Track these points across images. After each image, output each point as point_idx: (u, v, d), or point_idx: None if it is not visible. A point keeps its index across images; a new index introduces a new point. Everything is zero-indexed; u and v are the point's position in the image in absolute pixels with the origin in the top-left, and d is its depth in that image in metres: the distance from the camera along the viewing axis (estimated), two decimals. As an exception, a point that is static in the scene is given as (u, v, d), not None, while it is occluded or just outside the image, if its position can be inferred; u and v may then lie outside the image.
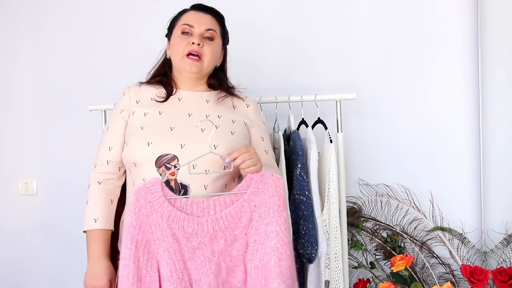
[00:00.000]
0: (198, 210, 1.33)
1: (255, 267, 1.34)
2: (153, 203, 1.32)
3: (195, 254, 1.32)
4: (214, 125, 1.38)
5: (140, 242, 1.31)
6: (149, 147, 1.40)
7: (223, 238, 1.33)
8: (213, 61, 1.54)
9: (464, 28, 2.04)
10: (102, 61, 2.35)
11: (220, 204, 1.34)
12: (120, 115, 1.52)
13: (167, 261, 1.31)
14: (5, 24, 2.46)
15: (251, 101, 1.62)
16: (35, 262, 2.43)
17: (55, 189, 2.39)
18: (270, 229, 1.33)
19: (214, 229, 1.32)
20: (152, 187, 1.33)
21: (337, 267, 1.69)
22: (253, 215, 1.34)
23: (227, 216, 1.33)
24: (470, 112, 2.04)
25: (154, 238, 1.32)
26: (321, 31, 2.16)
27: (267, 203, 1.34)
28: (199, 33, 1.50)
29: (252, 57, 2.20)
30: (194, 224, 1.32)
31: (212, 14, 1.56)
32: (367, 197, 2.09)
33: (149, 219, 1.32)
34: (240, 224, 1.34)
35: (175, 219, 1.31)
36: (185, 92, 1.55)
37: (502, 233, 1.94)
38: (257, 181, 1.36)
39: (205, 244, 1.32)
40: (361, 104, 2.08)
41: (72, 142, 2.37)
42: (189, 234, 1.31)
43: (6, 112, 2.47)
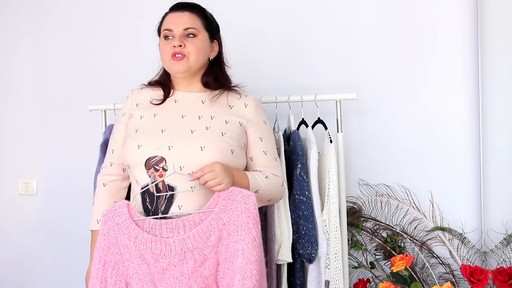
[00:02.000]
0: (167, 230, 1.33)
1: (226, 285, 1.33)
2: (121, 225, 1.34)
3: (164, 275, 1.32)
4: (174, 145, 1.37)
5: (109, 263, 1.34)
6: (139, 150, 1.43)
7: (192, 259, 1.32)
8: (200, 56, 1.51)
9: (464, 28, 2.04)
10: (102, 61, 2.35)
11: (189, 223, 1.34)
12: (122, 119, 1.57)
13: (137, 282, 1.32)
14: (5, 24, 2.46)
15: (251, 100, 1.57)
16: (35, 262, 2.43)
17: (55, 189, 2.39)
18: (237, 247, 1.32)
19: (182, 250, 1.32)
20: (119, 209, 1.35)
21: (337, 267, 1.69)
22: (222, 234, 1.33)
23: (194, 235, 1.32)
24: (470, 112, 2.04)
25: (123, 259, 1.33)
26: (321, 32, 2.16)
27: (236, 220, 1.33)
28: (178, 35, 1.49)
29: (252, 57, 2.20)
30: (162, 245, 1.32)
31: (191, 10, 1.53)
32: (367, 197, 2.09)
33: (117, 240, 1.34)
34: (209, 243, 1.32)
35: (142, 240, 1.32)
36: (181, 94, 1.56)
37: (502, 233, 1.94)
38: (225, 198, 1.34)
39: (174, 265, 1.31)
40: (361, 104, 2.08)
41: (72, 142, 2.37)
42: (157, 255, 1.31)
43: (6, 112, 2.47)
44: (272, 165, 1.53)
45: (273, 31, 2.19)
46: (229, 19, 2.20)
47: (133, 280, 1.33)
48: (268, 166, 1.52)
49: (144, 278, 1.32)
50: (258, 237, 1.32)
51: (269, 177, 1.50)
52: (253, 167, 1.52)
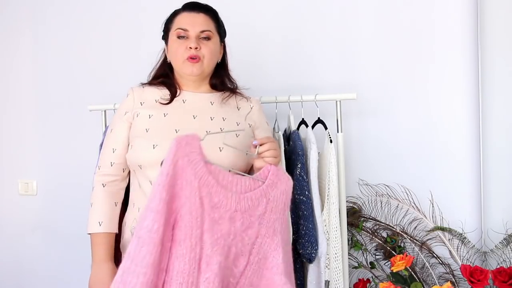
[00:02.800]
0: (226, 183, 1.26)
1: (257, 261, 1.30)
2: (191, 157, 1.22)
3: (213, 227, 1.22)
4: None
5: (171, 195, 1.19)
6: (155, 149, 1.40)
7: (240, 221, 1.27)
8: (212, 60, 1.52)
9: (464, 28, 2.04)
10: (102, 61, 2.35)
11: (242, 184, 1.29)
12: (124, 117, 1.52)
13: (186, 224, 1.18)
14: (5, 24, 2.46)
15: (255, 102, 1.62)
16: (35, 262, 2.43)
17: (55, 189, 2.39)
18: (276, 226, 1.32)
19: (235, 208, 1.26)
20: (191, 141, 1.24)
21: (337, 267, 1.69)
22: (267, 207, 1.32)
23: (247, 199, 1.28)
24: (470, 112, 2.04)
25: (181, 195, 1.19)
26: (322, 32, 2.16)
27: (278, 198, 1.33)
28: (195, 36, 1.48)
29: (252, 57, 2.20)
30: (221, 195, 1.24)
31: (205, 12, 1.52)
32: (367, 197, 2.09)
33: (184, 172, 1.20)
34: (257, 212, 1.30)
35: (206, 182, 1.22)
36: (189, 94, 1.54)
37: (502, 233, 1.94)
38: (274, 174, 1.33)
39: (224, 220, 1.24)
40: (361, 104, 2.08)
41: (73, 142, 2.37)
42: (214, 204, 1.23)
43: (6, 112, 2.47)
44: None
45: (273, 31, 2.19)
46: (229, 19, 2.20)
47: (183, 221, 1.19)
48: None
49: (195, 221, 1.19)
50: (286, 220, 1.36)
51: None
52: None
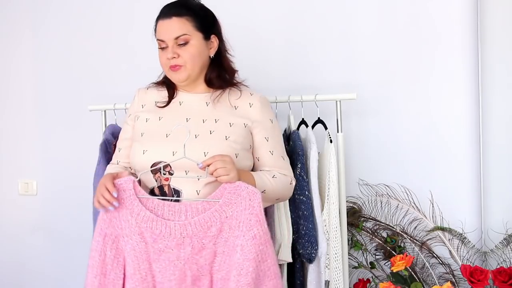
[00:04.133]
0: (170, 213, 1.33)
1: (221, 278, 1.32)
2: (125, 200, 1.33)
3: (160, 256, 1.31)
4: (188, 131, 1.36)
5: (109, 236, 1.33)
6: (144, 155, 1.43)
7: (190, 245, 1.31)
8: (196, 62, 1.47)
9: (464, 28, 2.04)
10: (102, 61, 2.35)
11: (192, 210, 1.33)
12: (128, 119, 1.57)
13: (132, 259, 1.32)
14: (5, 24, 2.46)
15: (256, 99, 1.53)
16: (35, 262, 2.43)
17: (55, 189, 2.39)
18: (237, 243, 1.30)
19: (181, 235, 1.31)
20: (124, 184, 1.34)
21: (337, 267, 1.69)
22: (224, 226, 1.32)
23: (196, 223, 1.31)
24: (470, 112, 2.04)
25: (123, 234, 1.33)
26: (322, 32, 2.16)
27: (238, 215, 1.31)
28: (171, 45, 1.44)
29: (252, 58, 2.20)
30: (162, 227, 1.31)
31: (178, 15, 1.45)
32: (367, 197, 2.09)
33: (120, 214, 1.33)
34: (209, 234, 1.31)
35: (144, 218, 1.32)
36: (186, 95, 1.53)
37: (502, 233, 1.94)
38: (231, 192, 1.32)
39: (171, 248, 1.31)
40: (361, 104, 2.08)
41: (72, 142, 2.37)
42: (156, 236, 1.31)
43: (6, 112, 2.47)
44: (279, 164, 1.50)
45: (273, 32, 2.19)
46: (229, 20, 2.20)
47: (129, 257, 1.33)
48: (275, 166, 1.49)
49: (140, 256, 1.32)
50: (259, 236, 1.30)
51: (276, 176, 1.47)
52: (260, 167, 1.50)
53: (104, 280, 1.33)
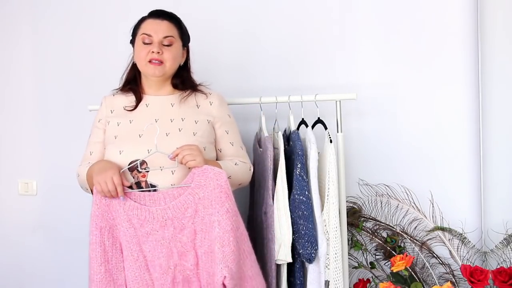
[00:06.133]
0: (150, 201, 1.52)
1: (204, 252, 1.50)
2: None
3: (148, 238, 1.51)
4: (157, 128, 1.53)
5: (104, 228, 1.52)
6: (121, 155, 1.57)
7: (172, 226, 1.51)
8: (174, 64, 1.64)
9: (464, 27, 2.04)
10: (102, 61, 2.35)
11: (169, 196, 1.52)
12: (98, 124, 1.71)
13: (125, 243, 1.52)
14: (5, 24, 2.45)
15: (215, 97, 1.70)
16: (35, 262, 2.43)
17: (55, 189, 2.39)
18: (213, 219, 1.48)
19: (163, 218, 1.51)
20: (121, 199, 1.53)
21: (337, 267, 1.69)
22: (198, 207, 1.51)
23: (174, 207, 1.51)
24: (470, 112, 2.04)
25: (115, 223, 1.53)
26: (322, 32, 2.16)
27: (209, 195, 1.50)
28: (157, 41, 1.61)
29: (252, 58, 2.20)
30: (146, 213, 1.51)
31: (169, 20, 1.64)
32: (367, 197, 2.09)
33: (110, 207, 1.53)
34: (187, 214, 1.51)
35: (130, 207, 1.51)
36: (151, 98, 1.68)
37: (502, 233, 1.94)
38: (199, 175, 1.51)
39: (156, 230, 1.51)
40: (361, 104, 2.08)
41: (73, 142, 2.36)
42: (142, 221, 1.51)
43: (6, 112, 2.47)
44: (239, 153, 1.69)
45: (273, 32, 2.19)
46: (229, 20, 2.21)
47: (123, 242, 1.52)
48: (236, 155, 1.67)
49: (131, 240, 1.51)
50: (231, 209, 1.50)
51: (238, 164, 1.65)
52: (223, 157, 1.68)
53: (108, 266, 1.52)
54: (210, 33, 2.19)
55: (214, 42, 2.21)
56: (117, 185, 1.48)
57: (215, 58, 2.20)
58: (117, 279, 1.53)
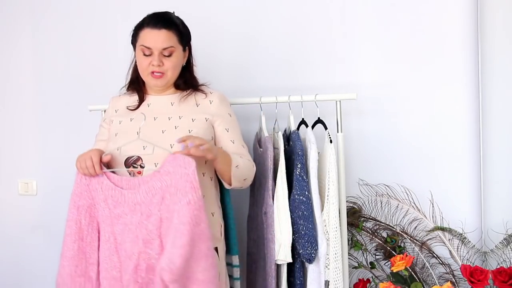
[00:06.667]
0: (128, 186, 1.52)
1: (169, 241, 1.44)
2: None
3: (118, 221, 1.52)
4: (144, 117, 1.58)
5: (82, 207, 1.55)
6: (118, 151, 1.60)
7: (139, 212, 1.49)
8: (176, 71, 1.65)
9: (464, 27, 2.04)
10: (102, 61, 2.35)
11: (144, 182, 1.50)
12: (104, 123, 1.75)
13: (101, 223, 1.55)
14: (5, 24, 2.45)
15: (215, 96, 1.70)
16: (35, 262, 2.43)
17: (55, 189, 2.39)
18: (174, 208, 1.44)
19: (133, 202, 1.49)
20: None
21: (337, 267, 1.69)
22: (165, 194, 1.47)
23: (143, 192, 1.49)
24: (470, 112, 2.04)
25: (94, 202, 1.55)
26: (322, 31, 2.16)
27: (176, 183, 1.44)
28: (157, 54, 1.60)
29: (252, 57, 2.20)
30: (119, 195, 1.51)
31: (168, 28, 1.60)
32: (367, 197, 2.09)
33: (89, 186, 1.55)
34: (154, 201, 1.48)
35: (106, 186, 1.53)
36: (153, 98, 1.70)
37: (502, 233, 1.94)
38: (170, 162, 1.47)
39: (126, 214, 1.50)
40: (361, 104, 2.08)
41: (73, 141, 2.37)
42: (116, 203, 1.52)
43: (6, 112, 2.47)
44: (241, 151, 1.66)
45: (273, 32, 2.19)
46: (229, 20, 2.21)
47: (100, 222, 1.56)
48: (237, 153, 1.64)
49: (105, 220, 1.54)
50: (194, 201, 1.42)
51: (242, 158, 1.64)
52: None
53: (82, 243, 1.55)
54: (210, 33, 2.19)
55: (214, 42, 2.21)
56: (94, 163, 1.51)
57: (215, 58, 2.20)
58: (89, 257, 1.55)
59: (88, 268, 1.56)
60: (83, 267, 1.56)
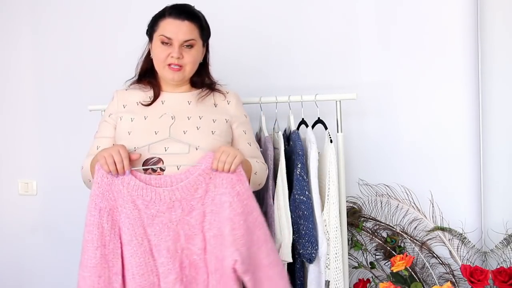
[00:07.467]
0: (159, 183, 1.43)
1: (213, 235, 1.43)
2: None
3: (154, 221, 1.42)
4: (173, 117, 1.50)
5: (104, 209, 1.41)
6: (136, 152, 1.47)
7: (180, 208, 1.42)
8: (194, 66, 1.58)
9: (464, 28, 2.04)
10: (102, 60, 2.35)
11: (176, 179, 1.43)
12: (109, 118, 1.60)
13: (128, 227, 1.41)
14: (5, 24, 2.45)
15: (232, 96, 1.65)
16: (35, 262, 2.43)
17: (55, 189, 2.39)
18: (224, 199, 1.42)
19: (171, 199, 1.42)
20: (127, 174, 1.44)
21: (337, 267, 1.69)
22: (209, 186, 1.44)
23: (183, 188, 1.42)
24: (470, 112, 2.04)
25: (116, 205, 1.42)
26: (322, 31, 2.16)
27: (221, 174, 1.43)
28: (178, 45, 1.52)
29: (252, 57, 2.20)
30: (152, 193, 1.41)
31: (190, 20, 1.54)
32: (367, 197, 2.09)
33: (111, 187, 1.42)
34: (196, 195, 1.43)
35: (135, 187, 1.41)
36: (168, 95, 1.60)
37: (502, 233, 1.94)
38: (210, 157, 1.45)
39: (163, 212, 1.42)
40: (361, 104, 2.08)
41: (72, 142, 2.37)
42: (148, 202, 1.41)
43: (6, 112, 2.47)
44: (257, 154, 1.64)
45: (273, 32, 2.19)
46: (228, 20, 2.21)
47: (125, 225, 1.41)
48: (254, 156, 1.60)
49: (135, 223, 1.41)
50: (242, 192, 1.43)
51: (258, 162, 1.61)
52: None
53: (105, 250, 1.40)
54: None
55: (213, 41, 2.20)
56: (123, 158, 1.40)
57: (214, 58, 2.20)
58: (112, 266, 1.41)
59: (112, 278, 1.40)
60: (106, 278, 1.40)
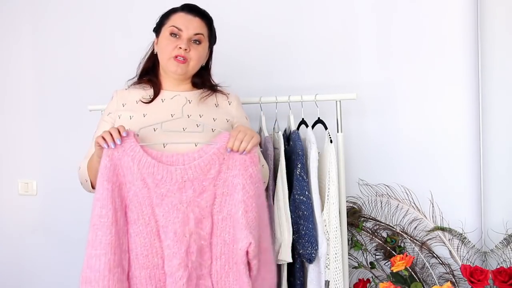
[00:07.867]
0: (171, 161, 1.38)
1: (222, 218, 1.40)
2: (125, 146, 1.37)
3: (163, 201, 1.36)
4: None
5: (115, 184, 1.35)
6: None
7: (191, 188, 1.38)
8: (198, 63, 1.59)
9: (464, 28, 2.04)
10: (102, 60, 2.35)
11: (188, 158, 1.39)
12: (107, 117, 1.60)
13: (135, 205, 1.36)
14: (6, 24, 2.46)
15: (233, 97, 1.68)
16: (35, 262, 2.43)
17: (55, 189, 2.39)
18: (236, 182, 1.39)
19: (182, 179, 1.37)
20: (127, 134, 1.40)
21: (337, 267, 1.69)
22: (222, 167, 1.40)
23: (196, 167, 1.38)
24: (470, 112, 2.04)
25: (125, 181, 1.36)
26: (322, 31, 2.16)
27: (234, 155, 1.40)
28: (187, 37, 1.53)
29: (252, 57, 2.20)
30: (164, 172, 1.36)
31: (201, 17, 1.58)
32: (367, 197, 2.09)
33: (121, 162, 1.36)
34: (209, 176, 1.39)
35: (146, 164, 1.36)
36: (168, 93, 1.60)
37: (502, 233, 1.94)
38: (226, 136, 1.43)
39: (173, 192, 1.37)
40: (361, 104, 2.08)
41: (72, 142, 2.37)
42: (158, 181, 1.36)
43: (6, 112, 2.47)
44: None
45: (273, 31, 2.19)
46: (228, 20, 2.21)
47: (132, 203, 1.37)
48: None
49: (143, 201, 1.36)
50: (255, 175, 1.41)
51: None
52: None
53: (117, 227, 1.34)
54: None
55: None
56: (120, 128, 1.38)
57: (215, 58, 2.20)
58: (122, 244, 1.34)
59: (122, 256, 1.34)
60: (118, 255, 1.33)
